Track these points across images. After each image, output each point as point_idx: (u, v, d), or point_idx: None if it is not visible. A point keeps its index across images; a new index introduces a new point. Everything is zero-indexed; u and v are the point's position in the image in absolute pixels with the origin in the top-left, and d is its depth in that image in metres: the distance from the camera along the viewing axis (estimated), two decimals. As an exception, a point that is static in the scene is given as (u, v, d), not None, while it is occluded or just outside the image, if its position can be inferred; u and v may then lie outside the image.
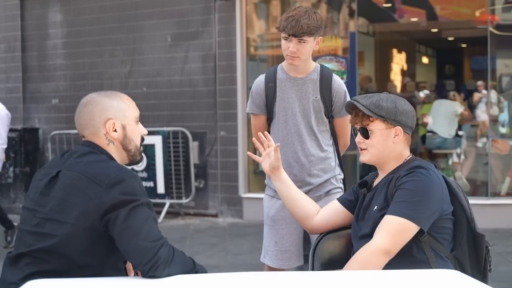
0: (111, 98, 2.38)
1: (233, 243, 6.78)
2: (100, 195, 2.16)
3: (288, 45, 3.24)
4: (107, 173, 2.20)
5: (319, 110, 3.38)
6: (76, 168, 2.26)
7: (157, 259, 2.12)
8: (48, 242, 2.21)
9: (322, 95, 3.36)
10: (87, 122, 2.36)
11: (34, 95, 9.38)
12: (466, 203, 2.56)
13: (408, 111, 2.60)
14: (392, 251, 2.40)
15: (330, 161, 3.46)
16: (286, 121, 3.41)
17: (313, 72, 3.39)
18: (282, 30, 3.24)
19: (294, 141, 3.40)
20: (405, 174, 2.49)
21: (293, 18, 3.18)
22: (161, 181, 8.18)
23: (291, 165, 3.41)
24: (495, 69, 8.29)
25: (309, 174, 3.41)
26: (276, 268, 3.46)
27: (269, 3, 8.81)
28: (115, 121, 2.35)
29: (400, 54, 12.68)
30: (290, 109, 3.40)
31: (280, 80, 3.41)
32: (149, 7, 8.57)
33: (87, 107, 2.37)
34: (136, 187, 2.21)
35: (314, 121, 3.39)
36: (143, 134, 2.47)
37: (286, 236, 3.43)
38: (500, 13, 8.24)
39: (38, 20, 9.31)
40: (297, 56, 3.26)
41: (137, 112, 2.44)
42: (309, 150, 3.40)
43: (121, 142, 2.38)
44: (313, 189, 3.41)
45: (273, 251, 3.47)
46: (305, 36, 3.20)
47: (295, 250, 3.44)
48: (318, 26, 3.23)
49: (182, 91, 8.45)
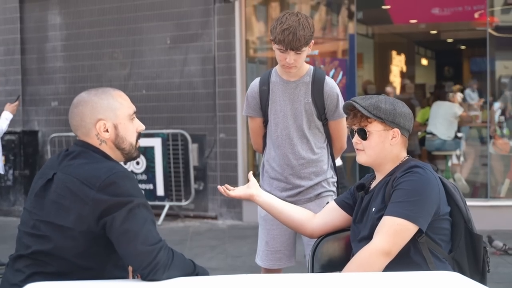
0: (101, 98, 2.33)
1: (233, 245, 6.78)
2: (93, 198, 2.14)
3: (285, 57, 3.21)
4: (98, 175, 2.17)
5: (311, 113, 3.38)
6: (69, 170, 2.24)
7: (157, 263, 2.11)
8: (45, 245, 2.21)
9: (314, 98, 3.36)
10: (78, 123, 2.34)
11: (33, 98, 9.38)
12: (463, 204, 2.56)
13: (406, 114, 2.60)
14: (392, 252, 2.40)
15: (322, 164, 3.45)
16: (277, 124, 3.42)
17: (305, 75, 3.38)
18: (278, 43, 3.19)
19: (285, 143, 3.41)
20: (402, 175, 2.49)
21: (289, 31, 3.13)
22: (160, 184, 8.18)
23: (282, 167, 3.42)
24: (494, 71, 8.30)
25: (299, 176, 3.41)
26: (269, 269, 3.48)
27: (268, 5, 8.82)
28: (106, 122, 2.31)
29: (399, 56, 12.69)
30: (281, 112, 3.40)
31: (273, 83, 3.41)
32: (148, 9, 8.58)
33: (78, 108, 2.34)
34: (129, 187, 2.17)
35: (305, 124, 3.39)
36: (140, 129, 2.42)
37: (277, 237, 3.45)
38: (499, 15, 8.25)
39: (37, 22, 9.32)
40: (295, 65, 3.26)
41: (131, 109, 2.38)
42: (299, 153, 3.40)
43: (113, 142, 2.34)
44: (303, 191, 3.42)
45: (263, 251, 3.50)
46: (303, 48, 3.19)
47: (286, 250, 3.46)
48: (312, 33, 3.22)
49: (182, 93, 8.46)
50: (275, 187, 3.45)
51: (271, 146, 3.48)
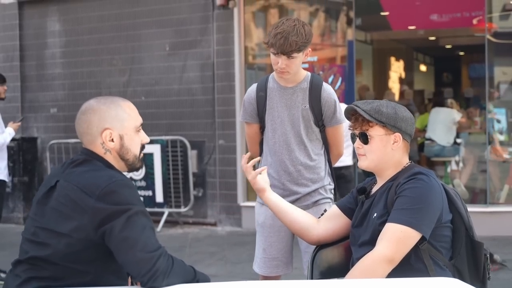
0: (110, 107, 2.34)
1: (232, 252, 6.77)
2: (92, 207, 2.14)
3: (277, 60, 3.24)
4: (98, 184, 2.17)
5: (308, 120, 3.38)
6: (70, 178, 2.24)
7: (156, 270, 2.10)
8: (43, 251, 2.21)
9: (311, 104, 3.36)
10: (85, 131, 2.34)
11: (32, 105, 9.39)
12: (465, 211, 2.55)
13: (408, 119, 2.60)
14: (395, 259, 2.40)
15: (319, 171, 3.45)
16: (275, 130, 3.41)
17: (303, 82, 3.38)
18: (270, 46, 3.22)
19: (282, 150, 3.41)
20: (405, 181, 2.48)
21: (282, 36, 3.15)
22: (159, 190, 8.17)
23: (279, 173, 3.42)
24: (493, 77, 8.31)
25: (296, 183, 3.41)
26: (266, 276, 3.47)
27: (267, 12, 8.83)
28: (112, 131, 2.32)
29: (398, 62, 12.70)
30: (279, 118, 3.40)
31: (270, 89, 3.41)
32: (147, 16, 8.59)
33: (86, 115, 2.34)
34: (128, 196, 2.17)
35: (303, 130, 3.39)
36: (144, 142, 2.43)
37: (274, 244, 3.44)
38: (498, 21, 8.27)
39: (36, 29, 9.33)
40: (287, 71, 3.27)
41: (138, 121, 2.40)
42: (297, 159, 3.40)
43: (118, 152, 2.35)
44: (300, 198, 3.41)
45: (261, 258, 3.49)
46: (294, 53, 3.19)
47: (283, 258, 3.45)
48: (307, 41, 3.22)
49: (181, 100, 8.46)
50: None
51: (268, 152, 3.47)
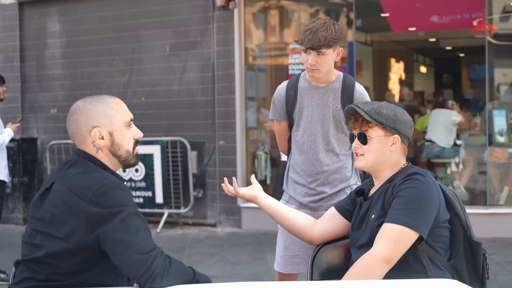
0: (96, 105, 2.34)
1: (232, 253, 6.76)
2: (85, 211, 2.14)
3: (308, 58, 3.26)
4: (90, 186, 2.17)
5: (339, 120, 3.39)
6: (64, 180, 2.25)
7: (153, 271, 2.10)
8: (38, 252, 2.21)
9: (343, 104, 3.35)
10: (75, 131, 2.36)
11: (32, 105, 9.39)
12: (462, 211, 2.56)
13: (407, 121, 2.62)
14: (392, 260, 2.40)
15: (346, 171, 3.46)
16: (304, 129, 3.44)
17: (335, 82, 3.40)
18: (300, 43, 3.25)
19: (310, 149, 3.43)
20: (402, 182, 2.49)
21: (311, 31, 3.20)
22: (159, 191, 8.16)
23: (306, 172, 3.44)
24: (493, 78, 8.31)
25: (323, 183, 3.42)
26: (285, 274, 3.48)
27: (267, 13, 8.83)
28: (101, 129, 2.32)
29: (398, 63, 12.70)
30: (308, 118, 3.42)
31: (301, 89, 3.43)
32: (147, 17, 8.60)
33: (74, 116, 2.36)
34: (120, 197, 2.17)
35: (332, 131, 3.40)
36: (137, 137, 2.41)
37: (296, 241, 3.41)
38: (498, 23, 8.27)
39: (36, 30, 9.33)
40: (317, 68, 3.28)
41: (127, 116, 2.38)
42: (324, 159, 3.41)
43: (109, 149, 2.34)
44: (326, 197, 3.42)
45: (281, 256, 3.50)
46: (323, 49, 3.21)
47: (304, 255, 3.43)
48: (337, 37, 3.23)
49: (181, 100, 8.46)
50: (298, 192, 3.47)
51: (296, 151, 3.49)
